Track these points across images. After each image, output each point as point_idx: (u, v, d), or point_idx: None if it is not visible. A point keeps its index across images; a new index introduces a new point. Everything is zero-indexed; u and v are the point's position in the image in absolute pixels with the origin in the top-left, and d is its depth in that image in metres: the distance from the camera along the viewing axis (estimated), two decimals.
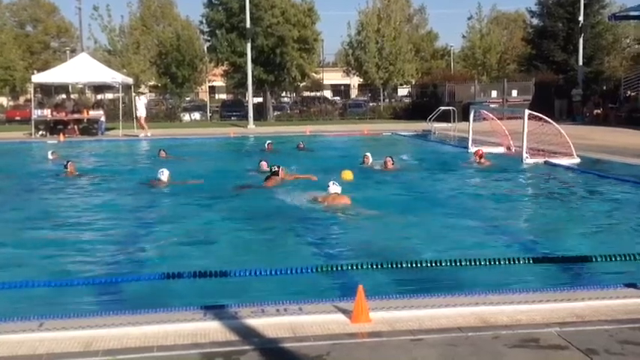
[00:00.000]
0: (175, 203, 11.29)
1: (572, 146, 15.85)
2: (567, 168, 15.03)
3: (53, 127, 29.89)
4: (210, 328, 4.60)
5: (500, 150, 18.65)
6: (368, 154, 15.77)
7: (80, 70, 30.28)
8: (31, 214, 10.34)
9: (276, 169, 12.65)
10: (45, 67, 44.28)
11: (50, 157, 18.57)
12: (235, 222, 9.51)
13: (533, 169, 15.32)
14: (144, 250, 7.98)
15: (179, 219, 9.75)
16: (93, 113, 31.32)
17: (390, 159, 15.13)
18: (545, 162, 15.74)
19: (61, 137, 27.55)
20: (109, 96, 47.33)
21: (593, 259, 6.08)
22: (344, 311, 4.81)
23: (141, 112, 30.76)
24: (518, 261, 6.17)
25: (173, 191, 12.47)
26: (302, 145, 21.45)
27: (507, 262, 6.03)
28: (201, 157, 19.85)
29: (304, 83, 54.18)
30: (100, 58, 38.45)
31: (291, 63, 43.77)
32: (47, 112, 30.64)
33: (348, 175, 13.08)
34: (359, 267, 5.89)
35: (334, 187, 10.48)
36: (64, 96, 49.78)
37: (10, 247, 8.07)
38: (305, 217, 9.88)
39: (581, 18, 37.71)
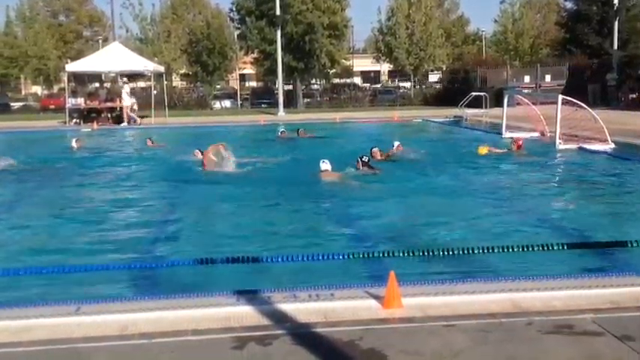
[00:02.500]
0: (211, 189, 11.37)
1: (606, 131, 15.58)
2: (601, 153, 14.78)
3: (87, 116, 30.32)
4: (243, 313, 4.63)
5: (535, 135, 18.43)
6: (376, 149, 14.37)
7: (112, 58, 30.70)
8: (63, 200, 10.53)
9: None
10: (78, 56, 44.78)
11: (74, 144, 18.77)
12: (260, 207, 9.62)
13: (567, 154, 15.10)
14: (177, 236, 8.06)
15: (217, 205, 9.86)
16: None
17: (397, 144, 15.36)
18: (579, 148, 15.50)
19: (95, 125, 27.94)
20: (142, 84, 47.76)
21: (629, 245, 5.99)
22: (376, 297, 4.81)
23: (126, 101, 30.48)
24: (552, 247, 6.10)
25: (208, 178, 12.55)
26: (303, 133, 21.36)
27: (540, 249, 5.97)
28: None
29: (334, 70, 54.05)
30: (131, 47, 38.84)
31: (320, 50, 43.69)
32: (81, 101, 31.09)
33: (483, 150, 14.83)
34: (391, 254, 5.89)
35: (324, 165, 11.62)
36: (97, 85, 50.48)
37: (48, 232, 8.22)
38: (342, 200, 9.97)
39: (616, 1, 36.93)
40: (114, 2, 46.64)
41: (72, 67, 32.50)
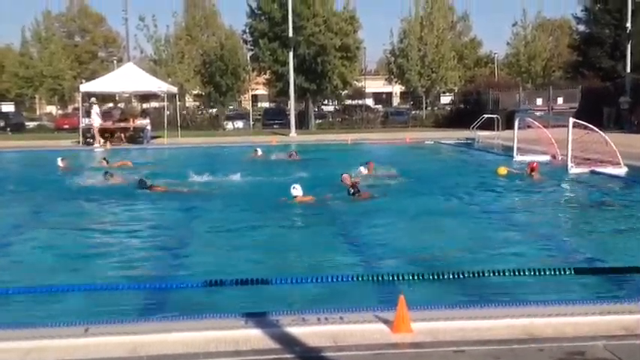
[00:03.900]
0: (215, 211, 11.38)
1: (618, 155, 15.49)
2: (613, 177, 14.68)
3: (100, 136, 30.50)
4: (251, 336, 4.61)
5: (546, 158, 18.36)
6: (346, 175, 13.71)
7: (126, 79, 30.97)
8: (74, 220, 10.53)
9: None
10: (93, 76, 45.32)
11: (60, 164, 18.32)
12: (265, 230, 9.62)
13: (579, 178, 15.02)
14: (188, 256, 8.05)
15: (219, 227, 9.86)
16: (139, 122, 31.88)
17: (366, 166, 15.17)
18: (592, 171, 15.41)
19: (108, 145, 28.10)
20: (155, 104, 48.10)
21: None
22: (385, 321, 4.78)
23: (95, 122, 29.98)
24: (564, 271, 6.05)
25: (214, 199, 12.57)
26: (294, 155, 21.09)
27: (553, 273, 5.92)
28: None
29: (346, 91, 54.25)
30: (145, 68, 39.19)
31: (332, 71, 43.89)
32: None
33: (503, 170, 15.11)
34: (401, 277, 5.86)
35: (295, 191, 11.44)
36: (111, 105, 50.87)
37: (56, 252, 8.22)
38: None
39: (628, 24, 36.90)
40: (129, 24, 46.91)
41: (86, 87, 32.81)
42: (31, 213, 11.62)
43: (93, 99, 31.82)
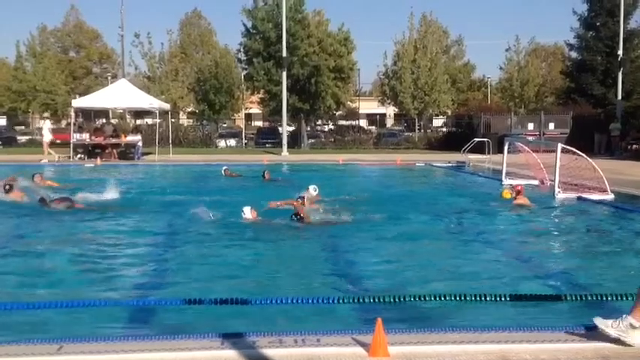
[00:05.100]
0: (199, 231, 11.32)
1: (605, 181, 15.55)
2: (599, 203, 14.73)
3: (91, 151, 30.48)
4: (227, 357, 4.57)
5: (534, 183, 18.41)
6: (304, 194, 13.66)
7: (118, 95, 31.00)
8: (46, 237, 10.35)
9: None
10: (87, 92, 45.41)
11: (36, 180, 17.50)
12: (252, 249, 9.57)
13: (565, 204, 15.05)
14: (164, 274, 7.99)
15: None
16: (130, 138, 31.87)
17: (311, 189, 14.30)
18: (578, 197, 15.45)
19: (98, 161, 28.07)
20: (149, 121, 48.15)
21: (623, 298, 5.90)
22: (362, 344, 4.74)
23: (46, 137, 31.13)
24: (546, 298, 6.04)
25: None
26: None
27: (532, 298, 5.90)
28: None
29: (340, 112, 54.48)
30: (139, 84, 39.31)
31: (326, 92, 44.11)
32: (86, 136, 31.30)
33: (507, 194, 15.02)
34: (379, 300, 5.83)
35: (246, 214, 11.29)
36: (103, 120, 50.87)
37: (34, 268, 8.14)
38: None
39: (620, 52, 37.34)
40: (124, 40, 47.06)
41: (78, 102, 32.86)
42: None
43: (46, 114, 32.35)
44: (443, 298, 6.01)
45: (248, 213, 11.38)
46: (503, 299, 6.01)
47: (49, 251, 9.13)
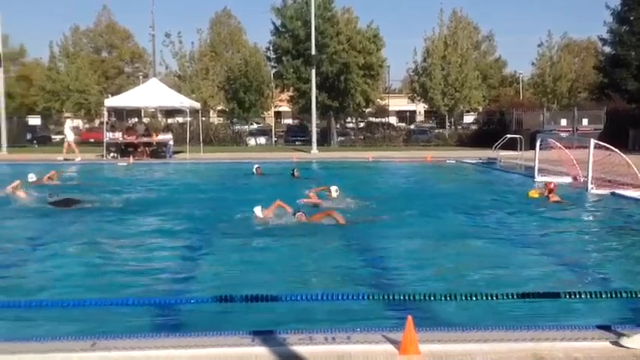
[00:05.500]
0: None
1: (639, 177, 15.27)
2: (634, 200, 14.46)
3: (124, 150, 30.83)
4: (258, 354, 4.59)
5: (567, 180, 18.16)
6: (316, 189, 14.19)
7: (150, 94, 31.31)
8: (81, 237, 10.45)
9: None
10: (119, 91, 45.94)
11: (30, 179, 17.38)
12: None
13: (599, 200, 14.82)
14: (195, 272, 8.05)
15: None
16: (161, 137, 32.18)
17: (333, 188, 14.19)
18: (612, 193, 15.20)
19: (131, 159, 28.38)
20: (180, 120, 48.58)
21: None
22: (393, 342, 4.73)
23: (69, 136, 31.02)
24: (578, 295, 5.92)
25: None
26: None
27: (566, 296, 5.80)
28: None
29: (369, 109, 54.22)
30: (170, 84, 39.62)
31: (355, 89, 43.97)
32: (118, 135, 31.68)
33: (534, 193, 14.89)
34: (410, 297, 5.78)
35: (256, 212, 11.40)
36: (135, 120, 51.47)
37: (69, 266, 8.26)
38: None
39: None
40: (155, 40, 47.60)
41: (110, 102, 33.25)
42: None
43: (67, 113, 32.46)
44: (474, 298, 5.95)
45: (259, 212, 11.42)
46: (533, 297, 5.92)
47: (79, 251, 9.28)
